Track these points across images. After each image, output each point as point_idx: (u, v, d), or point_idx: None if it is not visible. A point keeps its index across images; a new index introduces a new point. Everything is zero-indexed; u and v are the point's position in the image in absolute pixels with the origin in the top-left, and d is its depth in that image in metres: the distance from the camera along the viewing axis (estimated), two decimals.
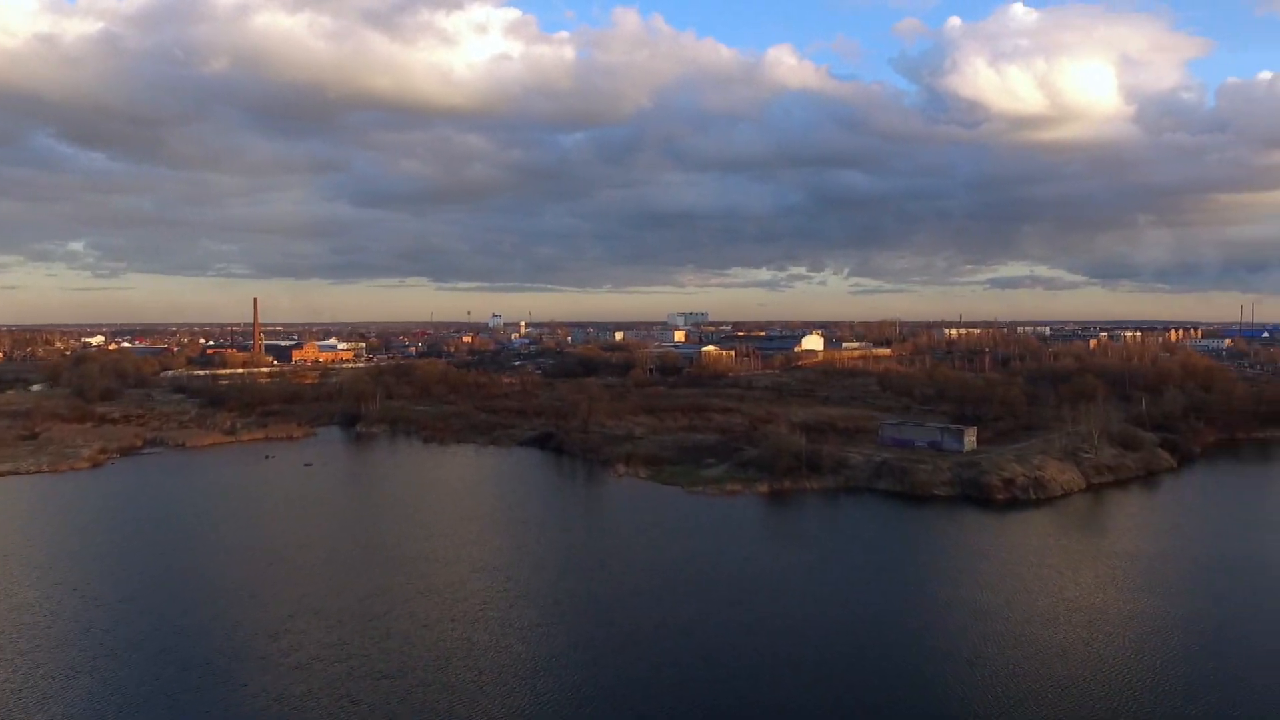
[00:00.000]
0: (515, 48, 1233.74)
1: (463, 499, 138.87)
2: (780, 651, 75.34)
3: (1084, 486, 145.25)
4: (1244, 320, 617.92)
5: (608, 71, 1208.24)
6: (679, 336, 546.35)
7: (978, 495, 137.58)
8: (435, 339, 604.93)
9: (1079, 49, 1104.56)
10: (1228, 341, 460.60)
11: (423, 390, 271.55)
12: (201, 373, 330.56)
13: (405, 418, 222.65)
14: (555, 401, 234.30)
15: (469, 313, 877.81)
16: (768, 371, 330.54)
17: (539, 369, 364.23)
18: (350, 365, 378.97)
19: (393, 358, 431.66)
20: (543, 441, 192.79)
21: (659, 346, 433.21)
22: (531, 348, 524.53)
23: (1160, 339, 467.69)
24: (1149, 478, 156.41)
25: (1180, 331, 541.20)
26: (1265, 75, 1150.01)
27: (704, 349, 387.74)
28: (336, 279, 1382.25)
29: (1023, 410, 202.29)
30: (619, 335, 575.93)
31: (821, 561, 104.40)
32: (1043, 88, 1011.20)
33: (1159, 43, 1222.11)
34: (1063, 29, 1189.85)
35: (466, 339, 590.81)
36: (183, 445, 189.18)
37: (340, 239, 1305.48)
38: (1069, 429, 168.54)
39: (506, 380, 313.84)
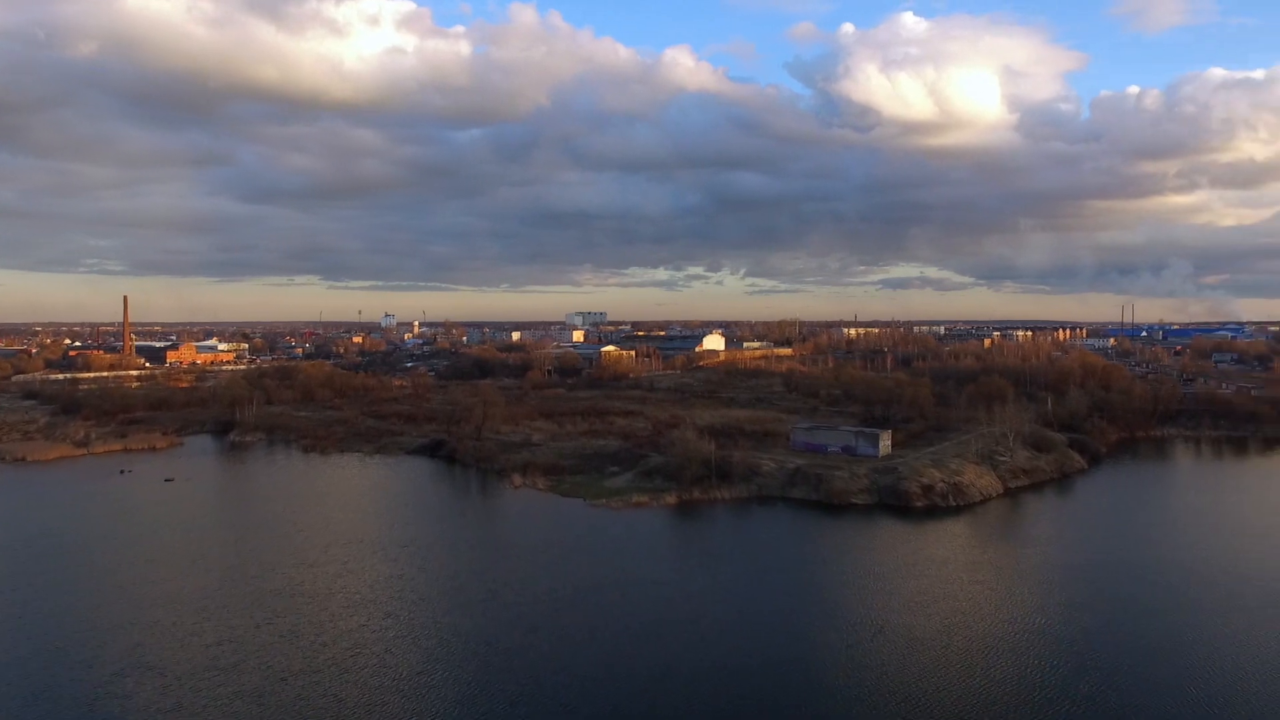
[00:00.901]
0: (409, 41, 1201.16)
1: (340, 518, 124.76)
2: (698, 697, 65.38)
3: (1002, 491, 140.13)
4: (1124, 321, 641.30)
5: (505, 68, 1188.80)
6: (577, 336, 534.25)
7: (896, 503, 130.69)
8: (324, 340, 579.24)
9: (965, 59, 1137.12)
10: (1111, 341, 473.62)
11: (306, 394, 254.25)
12: (60, 376, 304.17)
13: (285, 425, 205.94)
14: (448, 406, 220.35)
15: (360, 312, 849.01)
16: (669, 372, 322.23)
17: (432, 371, 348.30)
18: (231, 368, 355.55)
19: (277, 359, 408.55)
20: (433, 450, 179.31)
21: (557, 347, 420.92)
22: (425, 348, 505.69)
23: (1050, 338, 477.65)
24: (1063, 480, 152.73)
25: (1067, 331, 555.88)
26: (1134, 89, 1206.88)
27: (604, 349, 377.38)
28: (221, 277, 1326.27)
29: (931, 411, 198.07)
30: (516, 335, 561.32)
31: (739, 583, 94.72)
32: (931, 95, 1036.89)
33: (1038, 55, 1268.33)
34: (950, 39, 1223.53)
35: (357, 339, 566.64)
36: (22, 460, 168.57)
37: (225, 235, 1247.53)
38: (982, 430, 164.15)
39: (397, 383, 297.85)
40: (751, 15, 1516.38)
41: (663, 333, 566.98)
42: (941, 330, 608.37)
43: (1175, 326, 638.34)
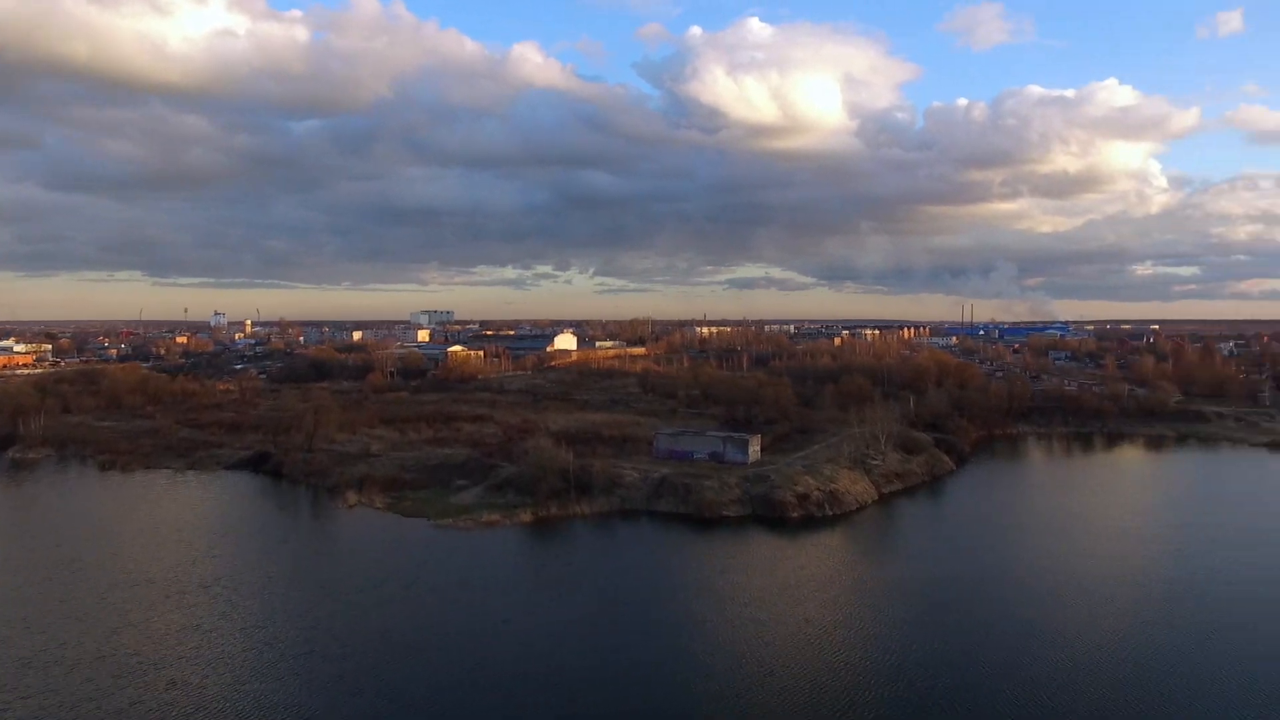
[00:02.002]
0: (240, 23, 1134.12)
1: (130, 553, 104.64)
2: None
3: (876, 497, 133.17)
4: (963, 320, 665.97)
5: (344, 57, 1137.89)
6: (423, 336, 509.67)
7: (771, 514, 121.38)
8: (143, 340, 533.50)
9: (809, 65, 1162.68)
10: (954, 339, 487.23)
11: (113, 402, 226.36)
12: None
13: (81, 438, 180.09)
14: (277, 413, 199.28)
15: (186, 310, 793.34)
16: (520, 373, 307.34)
17: (263, 373, 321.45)
18: (26, 372, 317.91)
19: (86, 361, 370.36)
20: (257, 464, 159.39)
21: (401, 347, 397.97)
22: (257, 349, 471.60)
23: (896, 336, 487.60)
24: (934, 482, 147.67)
25: (911, 330, 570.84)
26: (963, 102, 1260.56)
27: (451, 349, 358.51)
28: (26, 271, 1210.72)
29: (795, 412, 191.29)
30: (357, 335, 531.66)
31: (604, 621, 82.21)
32: (776, 99, 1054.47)
33: (877, 65, 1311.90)
34: (794, 45, 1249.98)
35: (181, 340, 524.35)
36: None
37: (31, 225, 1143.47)
38: (850, 432, 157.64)
39: (223, 388, 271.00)
40: (600, 14, 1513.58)
41: (512, 332, 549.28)
42: (791, 329, 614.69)
43: (1007, 325, 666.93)
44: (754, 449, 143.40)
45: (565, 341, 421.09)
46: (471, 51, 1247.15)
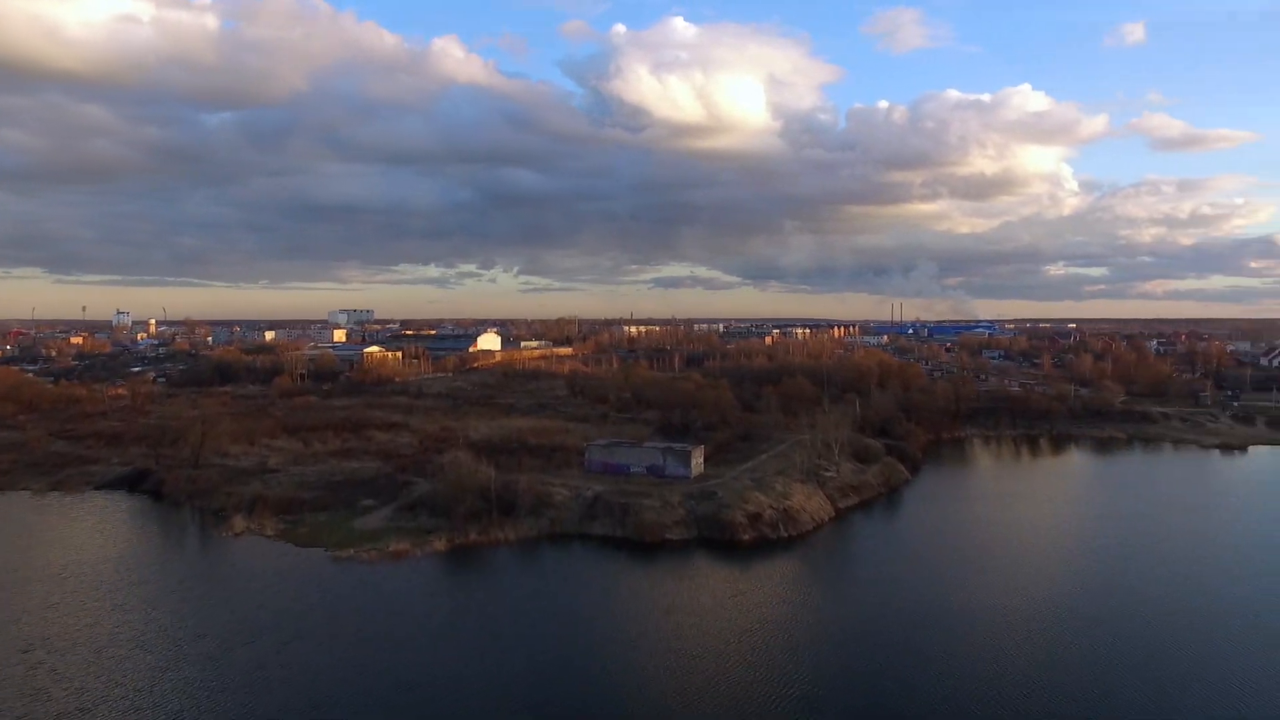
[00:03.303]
0: (144, 9, 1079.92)
1: None
2: None
3: (833, 514, 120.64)
4: (893, 319, 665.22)
5: (257, 48, 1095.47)
6: (339, 336, 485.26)
7: (720, 536, 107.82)
8: (33, 340, 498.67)
9: (732, 66, 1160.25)
10: (885, 339, 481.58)
11: None
12: None
13: None
14: (166, 422, 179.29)
15: (84, 309, 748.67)
16: (440, 375, 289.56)
17: (162, 376, 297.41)
18: None
19: None
20: (134, 482, 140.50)
21: (315, 347, 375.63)
22: (160, 350, 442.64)
23: (828, 335, 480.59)
24: (891, 494, 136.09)
25: (841, 328, 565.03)
26: (884, 104, 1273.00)
27: (367, 350, 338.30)
28: None
29: (736, 417, 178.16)
30: (270, 335, 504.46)
31: (532, 683, 67.27)
32: (700, 99, 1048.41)
33: (799, 67, 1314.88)
34: (718, 45, 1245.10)
35: (76, 340, 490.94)
36: None
37: None
38: (798, 439, 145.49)
39: (114, 393, 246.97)
40: (522, 10, 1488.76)
41: (433, 332, 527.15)
42: (721, 328, 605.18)
43: (933, 323, 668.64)
44: (697, 461, 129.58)
45: (489, 342, 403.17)
46: (391, 45, 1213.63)
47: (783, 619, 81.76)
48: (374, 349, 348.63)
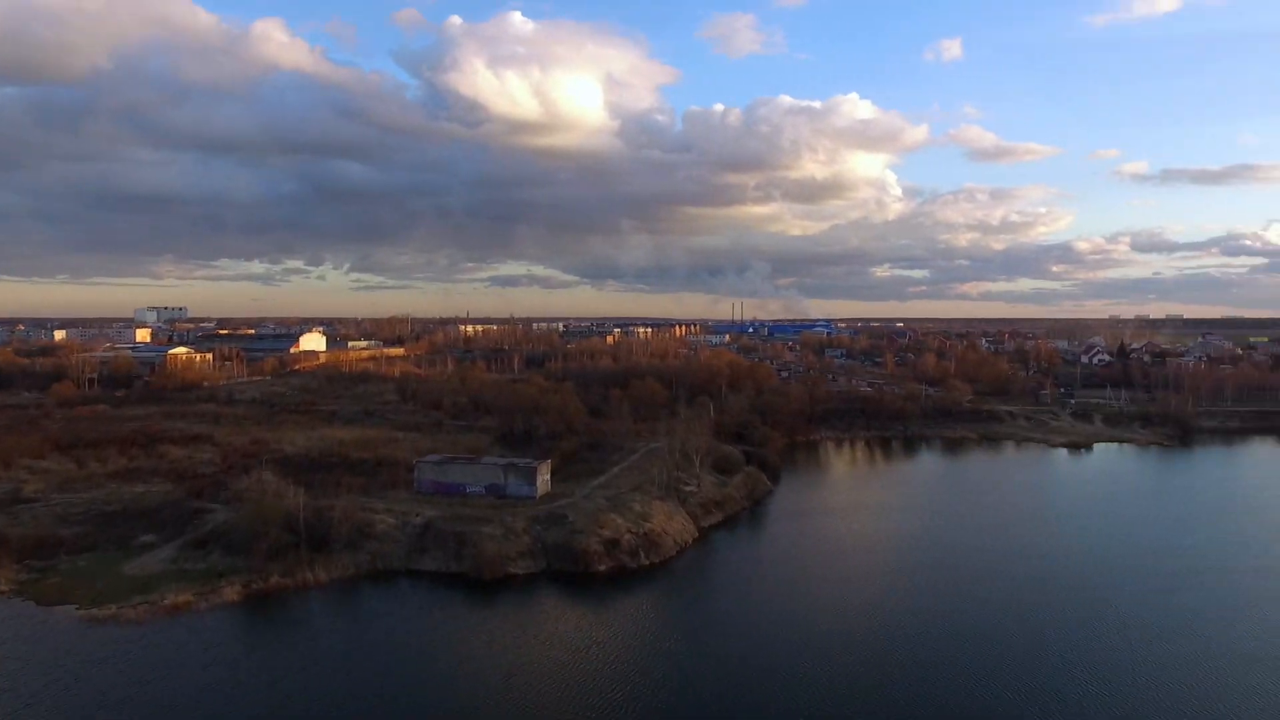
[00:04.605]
0: None
1: None
2: None
3: (697, 535, 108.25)
4: (734, 318, 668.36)
5: (50, 18, 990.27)
6: (143, 336, 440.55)
7: (572, 567, 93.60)
8: None
9: (570, 63, 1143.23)
10: (727, 338, 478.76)
11: None
12: None
13: None
14: None
15: None
16: (256, 379, 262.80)
17: None
18: None
19: None
20: None
21: (111, 349, 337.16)
22: None
23: (669, 334, 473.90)
24: (755, 507, 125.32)
25: (683, 328, 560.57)
26: (719, 107, 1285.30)
27: (171, 351, 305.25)
28: None
29: (583, 423, 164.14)
30: (60, 335, 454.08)
31: None
32: (537, 95, 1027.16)
33: (637, 67, 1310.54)
34: (556, 42, 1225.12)
35: None
36: None
37: None
38: (654, 448, 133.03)
39: None
40: None
41: (252, 331, 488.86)
42: (561, 327, 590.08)
43: (772, 322, 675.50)
44: (543, 478, 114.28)
45: (312, 341, 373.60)
46: (207, 24, 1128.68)
47: (647, 670, 68.13)
48: (180, 350, 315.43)
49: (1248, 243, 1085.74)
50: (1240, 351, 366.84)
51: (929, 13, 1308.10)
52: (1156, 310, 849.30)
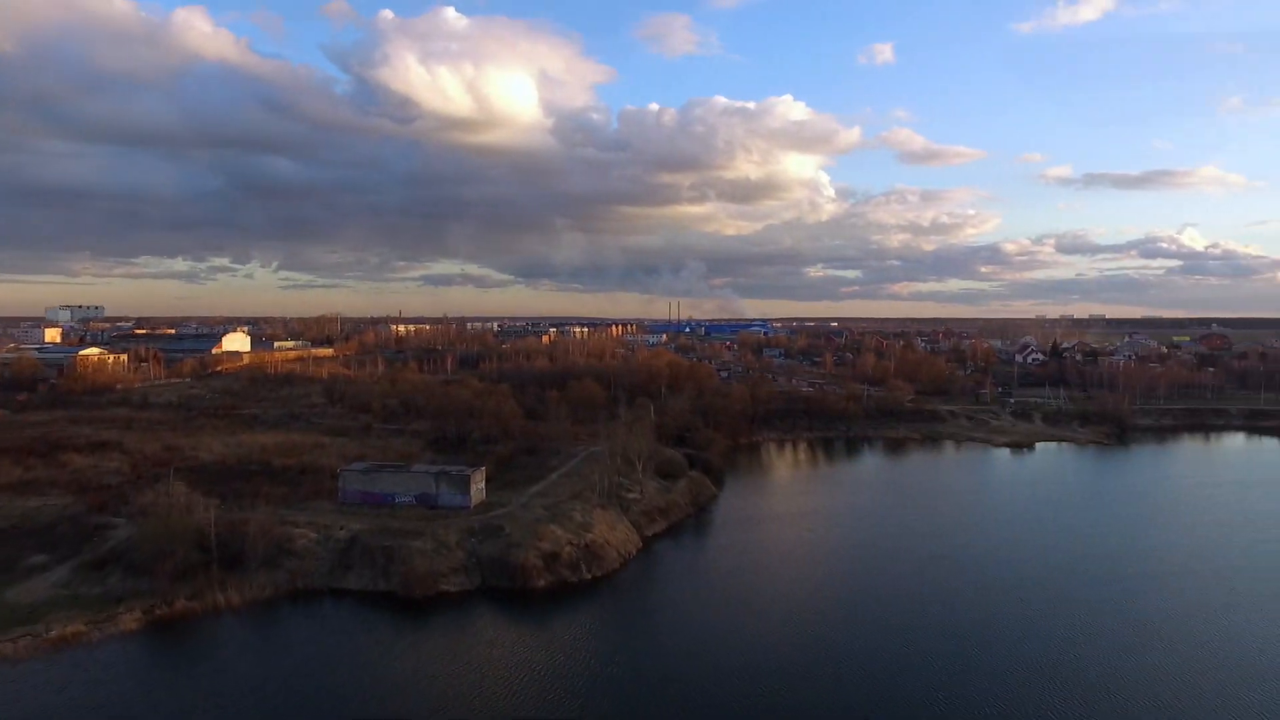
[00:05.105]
0: None
1: None
2: None
3: (640, 545, 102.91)
4: (671, 317, 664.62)
5: None
6: (52, 336, 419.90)
7: (508, 583, 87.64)
8: None
9: (504, 60, 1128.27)
10: (664, 337, 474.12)
11: None
12: None
13: None
14: None
15: None
16: (175, 381, 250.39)
17: None
18: None
19: None
20: None
21: (15, 349, 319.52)
22: None
23: (605, 334, 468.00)
24: (699, 514, 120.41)
25: (620, 327, 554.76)
26: (655, 107, 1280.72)
27: (83, 352, 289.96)
28: None
29: (519, 427, 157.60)
30: None
31: None
32: (471, 92, 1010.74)
33: (572, 66, 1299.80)
34: (490, 39, 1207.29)
35: None
36: None
37: None
38: (593, 453, 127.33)
39: None
40: None
41: (173, 331, 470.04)
42: (495, 327, 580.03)
43: (708, 322, 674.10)
44: (477, 486, 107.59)
45: (236, 342, 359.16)
46: (124, 11, 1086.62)
47: (588, 698, 62.50)
48: (92, 351, 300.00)
49: (1164, 245, 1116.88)
50: (1166, 350, 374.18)
51: (862, 17, 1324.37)
52: (1080, 310, 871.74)
